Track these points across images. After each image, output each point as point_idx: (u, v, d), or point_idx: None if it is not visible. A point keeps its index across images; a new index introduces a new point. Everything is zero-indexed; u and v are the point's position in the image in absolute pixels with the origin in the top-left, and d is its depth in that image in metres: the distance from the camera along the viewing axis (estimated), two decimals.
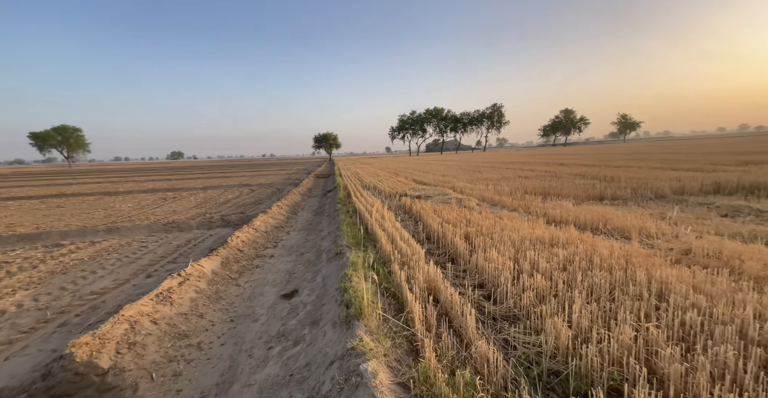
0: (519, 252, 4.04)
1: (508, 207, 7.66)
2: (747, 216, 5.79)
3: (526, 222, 5.72)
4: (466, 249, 4.40)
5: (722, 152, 20.99)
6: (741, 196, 7.58)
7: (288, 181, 20.95)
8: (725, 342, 2.02)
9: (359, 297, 2.64)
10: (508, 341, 2.48)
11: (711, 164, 13.34)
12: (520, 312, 2.80)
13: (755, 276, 3.04)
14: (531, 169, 17.01)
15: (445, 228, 5.43)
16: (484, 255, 4.00)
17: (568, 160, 23.41)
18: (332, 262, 4.54)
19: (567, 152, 41.08)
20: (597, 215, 5.90)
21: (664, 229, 4.96)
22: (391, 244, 4.51)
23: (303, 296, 3.82)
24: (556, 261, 3.68)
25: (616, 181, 10.19)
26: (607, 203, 7.75)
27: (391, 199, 9.92)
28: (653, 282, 2.93)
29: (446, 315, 2.86)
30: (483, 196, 9.30)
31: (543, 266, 3.51)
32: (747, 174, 9.34)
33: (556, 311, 2.63)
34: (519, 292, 3.02)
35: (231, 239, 5.80)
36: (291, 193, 12.93)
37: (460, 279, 3.75)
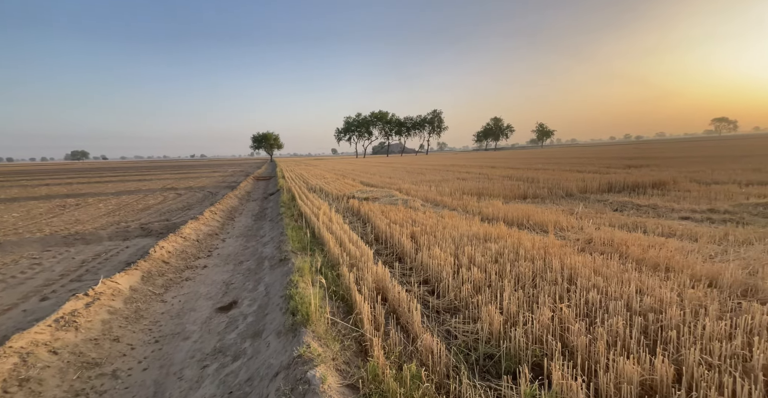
0: (459, 248, 4.35)
1: (449, 207, 8.19)
2: (630, 210, 7.13)
3: (464, 220, 6.19)
4: (412, 247, 4.58)
5: (613, 157, 25.48)
6: (626, 193, 9.31)
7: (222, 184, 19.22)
8: (617, 314, 2.47)
9: (306, 303, 2.56)
10: (450, 331, 2.65)
11: (605, 167, 16.09)
12: (460, 304, 3.02)
13: (637, 259, 3.76)
14: (467, 172, 18.44)
15: (392, 228, 5.57)
16: (428, 252, 4.21)
17: (497, 163, 25.96)
18: (276, 269, 4.31)
19: (497, 156, 45.58)
20: (522, 212, 6.67)
21: (573, 223, 5.83)
22: (340, 247, 4.47)
23: (243, 307, 3.55)
24: (489, 254, 4.06)
25: (536, 182, 11.63)
26: (529, 201, 8.80)
27: (338, 201, 9.81)
28: (565, 269, 3.43)
29: (394, 312, 2.95)
30: (427, 197, 9.78)
31: (479, 260, 3.85)
32: (630, 175, 11.51)
33: (490, 300, 2.90)
34: (459, 285, 3.26)
35: (154, 250, 5.10)
36: (227, 196, 11.89)
37: (407, 276, 3.89)
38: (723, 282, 2.92)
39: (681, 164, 15.89)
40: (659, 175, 11.27)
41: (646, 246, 4.15)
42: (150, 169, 45.75)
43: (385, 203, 8.73)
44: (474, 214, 7.00)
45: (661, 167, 14.61)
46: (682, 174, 11.49)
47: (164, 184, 19.94)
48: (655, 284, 2.95)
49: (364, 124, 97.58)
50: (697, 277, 3.09)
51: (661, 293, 2.73)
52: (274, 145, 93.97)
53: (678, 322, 2.30)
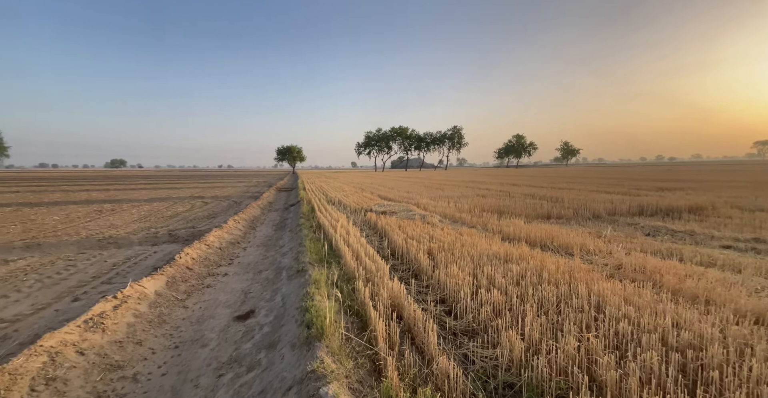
0: (477, 268, 4.24)
1: (468, 224, 8.05)
2: (665, 236, 6.71)
3: (484, 238, 6.05)
4: (428, 264, 4.51)
5: (644, 179, 24.30)
6: (659, 217, 8.79)
7: (246, 194, 19.95)
8: (651, 348, 2.30)
9: (321, 317, 2.56)
10: (468, 356, 2.55)
11: (636, 189, 15.35)
12: (479, 327, 2.92)
13: (672, 289, 3.51)
14: (487, 188, 18.14)
15: (409, 243, 5.53)
16: (445, 270, 4.14)
17: (519, 180, 25.41)
18: (293, 280, 4.36)
19: (518, 174, 44.69)
20: (545, 233, 6.44)
21: (600, 247, 5.55)
22: (356, 260, 4.48)
23: (260, 317, 3.59)
24: (510, 276, 3.93)
25: (560, 202, 11.25)
26: (553, 221, 8.49)
27: (356, 214, 9.90)
28: (592, 295, 3.25)
29: (409, 331, 2.88)
30: (445, 213, 9.68)
31: (499, 281, 3.72)
32: (663, 199, 10.89)
33: (510, 324, 2.78)
34: (477, 307, 3.16)
35: (179, 256, 5.33)
36: (250, 206, 12.31)
37: (423, 294, 3.82)
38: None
39: (720, 188, 14.90)
40: (696, 199, 10.60)
41: (682, 275, 3.88)
42: (180, 178, 48.33)
43: (403, 218, 8.71)
44: (494, 233, 6.83)
45: (697, 191, 13.75)
46: (722, 199, 10.75)
47: (192, 193, 20.97)
48: (693, 317, 2.73)
49: (384, 138, 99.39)
50: (741, 312, 2.84)
51: (701, 328, 2.52)
52: (297, 157, 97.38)
53: (721, 361, 2.10)
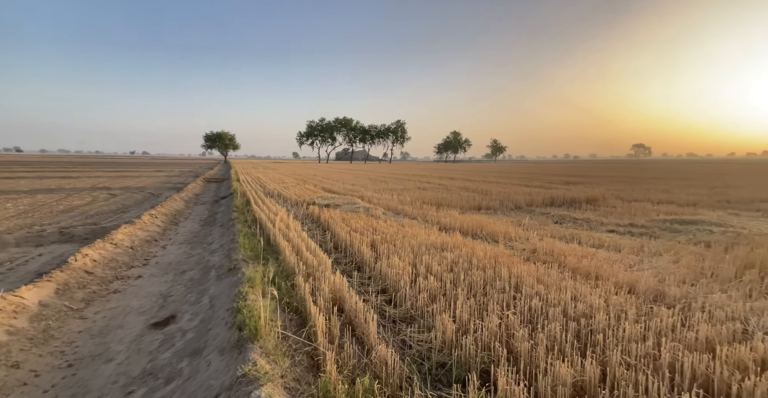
0: (417, 257, 4.44)
1: (410, 216, 8.36)
2: (568, 223, 7.91)
3: (424, 229, 6.36)
4: (371, 256, 4.57)
5: (555, 174, 28.24)
6: (565, 208, 10.33)
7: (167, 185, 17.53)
8: (555, 320, 2.69)
9: (255, 317, 2.39)
10: (405, 341, 2.67)
11: (548, 183, 17.76)
12: (416, 313, 3.07)
13: (572, 268, 4.16)
14: (428, 182, 19.08)
15: (352, 236, 5.52)
16: (387, 261, 4.23)
17: (456, 174, 27.29)
18: (224, 279, 3.99)
19: (455, 168, 48.01)
20: (476, 223, 7.04)
21: (520, 234, 6.29)
22: (296, 255, 4.30)
23: (182, 322, 3.21)
24: (445, 263, 4.20)
25: (489, 194, 12.42)
26: (483, 212, 9.34)
27: (298, 207, 9.48)
28: (512, 277, 3.67)
29: (350, 323, 2.89)
30: (388, 206, 9.89)
31: (435, 269, 3.96)
32: (568, 191, 12.81)
33: (444, 308, 2.98)
34: (416, 294, 3.31)
35: (75, 258, 4.43)
36: (171, 199, 10.84)
37: (365, 286, 3.85)
38: (639, 288, 3.35)
39: (608, 182, 18.11)
40: (591, 191, 12.71)
41: (580, 256, 4.61)
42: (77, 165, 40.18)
43: (347, 210, 8.64)
44: (433, 224, 7.22)
45: (593, 185, 16.50)
46: (610, 191, 13.09)
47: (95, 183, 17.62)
48: (587, 291, 3.28)
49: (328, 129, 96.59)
50: (619, 285, 3.51)
51: (591, 299, 3.04)
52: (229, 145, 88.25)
53: (604, 326, 2.57)
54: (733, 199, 10.70)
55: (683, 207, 9.53)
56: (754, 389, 1.77)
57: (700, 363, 2.00)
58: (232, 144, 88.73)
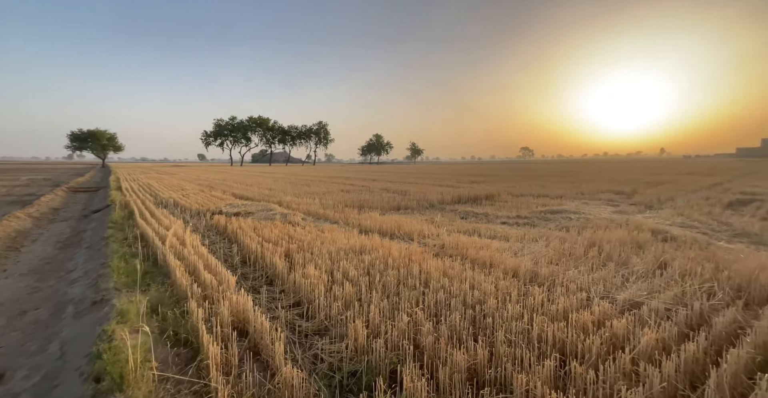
0: (335, 264, 4.35)
1: (331, 220, 8.20)
2: (472, 218, 8.94)
3: (344, 233, 6.31)
4: (285, 268, 4.28)
5: (463, 174, 31.74)
6: (470, 204, 11.67)
7: (5, 199, 13.25)
8: (455, 310, 2.96)
9: (121, 361, 1.94)
10: (318, 355, 2.56)
11: (457, 182, 19.84)
12: (330, 323, 2.98)
13: (472, 259, 4.68)
14: (351, 184, 19.15)
15: (264, 247, 5.09)
16: (302, 271, 4.03)
17: (379, 176, 28.16)
18: (85, 317, 3.16)
19: (378, 170, 49.55)
20: (394, 223, 7.35)
21: (432, 231, 6.82)
22: (190, 276, 3.72)
23: (13, 382, 2.40)
24: (362, 267, 4.23)
25: (408, 195, 13.16)
26: (402, 212, 9.83)
27: (199, 217, 8.29)
28: (422, 274, 3.93)
29: (255, 347, 2.62)
30: (309, 210, 9.52)
31: (352, 274, 3.94)
32: (472, 189, 14.54)
33: (358, 314, 2.98)
34: (330, 303, 3.22)
35: None
36: (9, 217, 8.18)
37: (276, 301, 3.57)
38: (520, 272, 3.97)
39: (503, 181, 21.26)
40: (490, 189, 14.69)
41: (478, 247, 5.24)
42: None
43: (261, 218, 7.97)
44: (354, 227, 7.24)
45: (491, 183, 19.12)
46: (503, 188, 15.36)
47: None
48: (482, 279, 3.72)
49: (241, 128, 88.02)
50: (507, 270, 4.09)
51: (485, 287, 3.47)
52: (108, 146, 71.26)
53: (493, 310, 2.95)
54: (585, 191, 13.79)
55: (554, 199, 11.81)
56: (591, 345, 2.27)
57: (558, 331, 2.46)
58: (113, 144, 71.90)
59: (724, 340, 2.42)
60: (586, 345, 2.28)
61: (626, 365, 2.04)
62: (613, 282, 3.56)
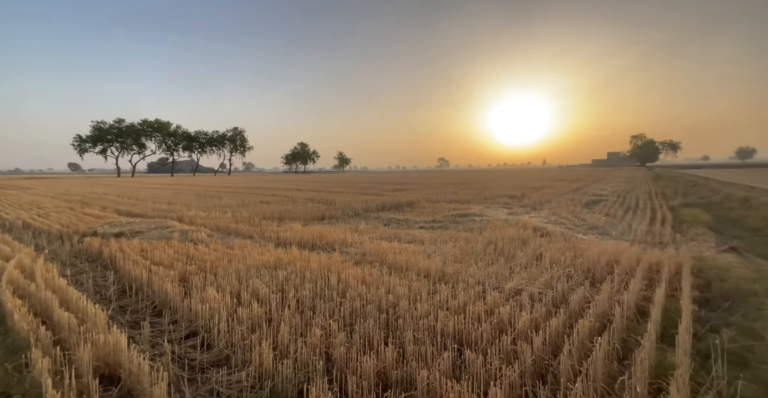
0: (243, 283, 3.96)
1: (244, 235, 7.49)
2: (394, 224, 9.34)
3: (258, 248, 5.82)
4: (179, 294, 3.69)
5: (388, 182, 33.06)
6: (393, 211, 12.19)
7: None
8: (370, 317, 3.00)
9: None
10: (214, 389, 2.26)
11: (382, 190, 20.56)
12: (232, 351, 2.67)
13: (390, 264, 4.86)
14: (273, 195, 17.96)
15: (153, 272, 4.32)
16: (200, 296, 3.54)
17: (304, 186, 27.16)
18: None
19: (304, 179, 47.83)
20: (317, 233, 7.14)
21: (356, 239, 6.86)
22: (36, 318, 2.88)
23: None
24: (275, 283, 3.96)
25: (333, 204, 13.01)
26: (326, 222, 9.64)
27: (62, 242, 6.57)
28: (340, 284, 3.88)
29: (129, 394, 2.16)
30: (218, 225, 8.52)
31: (263, 292, 3.64)
32: (395, 197, 15.26)
33: (266, 335, 2.75)
34: (234, 328, 2.90)
35: None
36: None
37: (165, 334, 3.03)
38: (431, 272, 4.29)
39: (423, 188, 22.93)
40: (411, 196, 15.65)
41: (397, 252, 5.47)
42: None
43: (153, 238, 6.78)
44: (270, 240, 6.76)
45: (412, 191, 20.41)
46: (422, 196, 16.55)
47: None
48: (397, 283, 3.88)
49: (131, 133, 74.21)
50: (419, 272, 4.37)
51: (399, 290, 3.62)
52: None
53: (405, 311, 3.09)
54: (487, 196, 15.87)
55: (463, 204, 13.25)
56: (483, 332, 2.57)
57: (458, 323, 2.72)
58: None
59: (576, 314, 3.04)
60: (479, 333, 2.58)
61: (507, 346, 2.38)
62: (503, 274, 4.14)
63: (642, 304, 3.35)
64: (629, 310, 3.04)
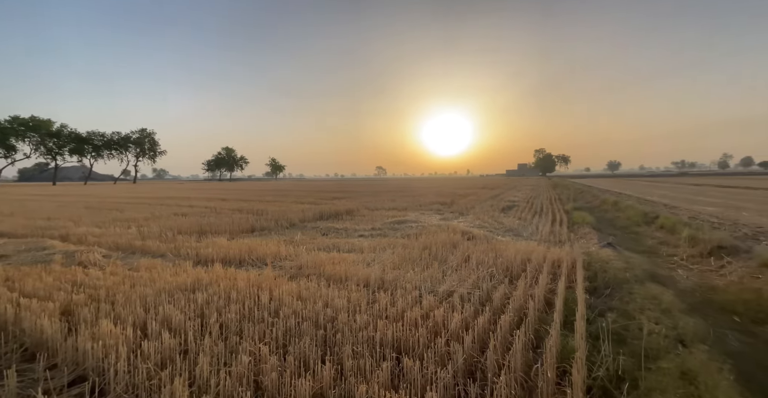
0: (150, 311, 3.35)
1: (153, 254, 6.42)
2: (333, 233, 9.12)
3: (171, 268, 5.04)
4: (59, 331, 2.94)
5: (326, 191, 32.43)
6: (332, 220, 11.93)
7: None
8: (306, 335, 2.83)
9: None
10: None
11: (320, 199, 20.03)
12: (134, 394, 2.22)
13: (328, 276, 4.70)
14: (191, 205, 15.93)
15: (24, 306, 3.38)
16: (91, 331, 2.88)
17: (230, 195, 24.77)
18: None
19: (231, 187, 43.70)
20: (245, 247, 6.53)
21: (291, 251, 6.47)
22: None
23: None
24: (193, 308, 3.46)
25: (265, 214, 12.12)
26: (257, 234, 8.91)
27: None
28: (273, 302, 3.59)
29: None
30: (118, 243, 7.14)
31: (177, 320, 3.14)
32: (334, 205, 15.00)
33: (181, 370, 2.36)
34: (137, 366, 2.42)
35: None
36: None
37: (40, 383, 2.36)
38: (371, 281, 4.29)
39: (362, 196, 23.09)
40: (350, 204, 15.59)
41: (336, 262, 5.34)
42: None
43: (23, 263, 5.35)
44: (188, 258, 5.92)
45: (351, 199, 20.37)
46: (362, 204, 16.64)
47: None
48: (335, 295, 3.77)
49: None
50: (359, 282, 4.33)
51: (338, 302, 3.51)
52: None
53: (343, 324, 3.01)
54: (422, 203, 16.75)
55: (401, 211, 13.73)
56: (419, 337, 2.64)
57: (396, 331, 2.76)
58: None
59: (499, 310, 3.37)
60: (416, 339, 2.65)
61: (442, 348, 2.50)
62: (437, 278, 4.38)
63: (549, 296, 3.89)
64: (540, 303, 3.50)
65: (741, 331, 3.42)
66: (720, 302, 4.12)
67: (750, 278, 4.75)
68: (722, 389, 2.18)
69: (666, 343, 2.75)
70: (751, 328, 3.49)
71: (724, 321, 3.64)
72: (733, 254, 5.77)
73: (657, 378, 2.30)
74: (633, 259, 5.55)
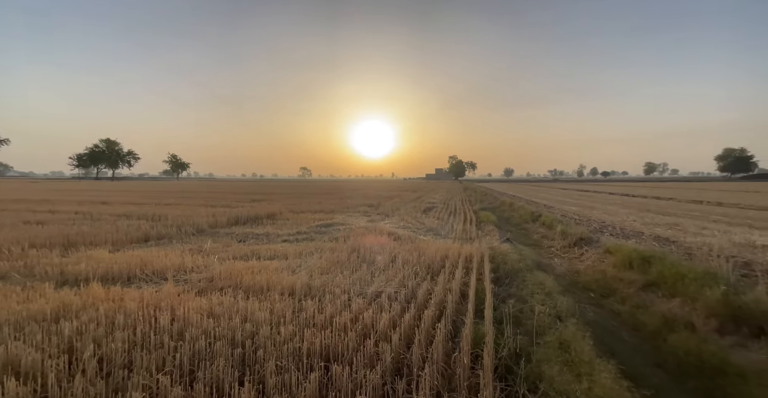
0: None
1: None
2: (252, 240, 8.31)
3: (18, 292, 3.82)
4: None
5: (242, 192, 29.45)
6: (249, 225, 10.87)
7: None
8: (220, 356, 2.49)
9: None
10: None
11: (235, 201, 18.06)
12: None
13: (246, 287, 4.25)
14: (52, 210, 12.45)
15: None
16: None
17: (114, 197, 20.27)
18: None
19: (115, 188, 35.71)
20: (136, 260, 5.42)
21: (199, 262, 5.63)
22: None
23: None
24: (57, 342, 2.68)
25: (163, 220, 10.30)
26: (152, 244, 7.49)
27: None
28: (176, 323, 3.06)
29: None
30: None
31: (29, 360, 2.38)
32: (253, 209, 13.72)
33: None
34: None
35: None
36: None
37: None
38: (296, 289, 4.05)
39: (284, 199, 21.75)
40: (271, 207, 14.50)
41: (256, 272, 4.87)
42: None
43: None
44: (47, 279, 4.58)
45: (273, 201, 18.99)
46: (285, 206, 15.67)
47: None
48: (256, 307, 3.43)
49: None
50: (283, 291, 4.04)
51: (258, 315, 3.21)
52: None
53: (266, 339, 2.76)
54: (349, 205, 16.78)
55: (328, 213, 13.44)
56: (348, 342, 2.62)
57: (324, 339, 2.67)
58: None
59: (423, 306, 3.59)
60: (345, 343, 2.61)
61: (371, 349, 2.53)
62: (366, 279, 4.43)
63: (464, 289, 4.34)
64: (456, 295, 3.87)
65: (595, 304, 4.44)
66: (582, 282, 5.28)
67: (599, 262, 6.23)
68: (586, 352, 2.79)
69: (549, 320, 3.37)
70: (601, 302, 4.57)
71: (585, 298, 4.67)
72: (588, 244, 7.48)
73: (544, 351, 2.79)
74: (524, 251, 6.66)
